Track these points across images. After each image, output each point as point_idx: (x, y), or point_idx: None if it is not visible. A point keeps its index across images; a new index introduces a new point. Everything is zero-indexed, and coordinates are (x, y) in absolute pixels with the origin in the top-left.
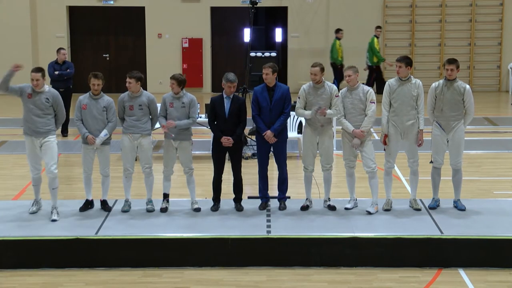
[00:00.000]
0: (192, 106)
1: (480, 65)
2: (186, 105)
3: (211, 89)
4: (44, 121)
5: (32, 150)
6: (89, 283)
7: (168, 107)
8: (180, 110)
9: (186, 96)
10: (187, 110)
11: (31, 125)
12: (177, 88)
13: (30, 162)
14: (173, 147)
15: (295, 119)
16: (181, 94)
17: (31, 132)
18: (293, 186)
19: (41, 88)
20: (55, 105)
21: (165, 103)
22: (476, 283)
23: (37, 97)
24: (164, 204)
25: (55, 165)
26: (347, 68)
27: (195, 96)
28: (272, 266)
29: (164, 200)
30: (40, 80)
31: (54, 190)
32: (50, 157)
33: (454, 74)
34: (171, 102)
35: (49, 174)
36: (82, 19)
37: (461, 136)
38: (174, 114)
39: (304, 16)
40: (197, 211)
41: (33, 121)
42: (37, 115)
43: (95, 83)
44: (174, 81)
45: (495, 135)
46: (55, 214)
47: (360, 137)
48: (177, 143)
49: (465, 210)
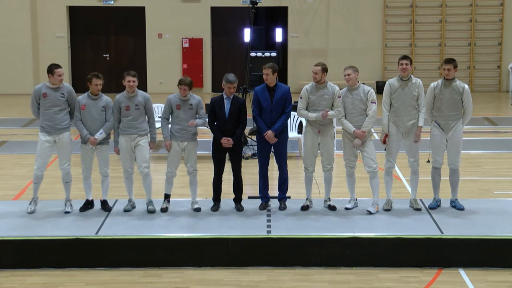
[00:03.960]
0: (200, 107)
1: (480, 65)
2: (194, 106)
3: (211, 89)
4: (61, 117)
5: (45, 146)
6: (89, 283)
7: (175, 109)
8: (188, 112)
9: (193, 97)
10: (194, 111)
11: (50, 123)
12: (188, 92)
13: (38, 158)
14: (179, 149)
15: (296, 119)
16: (189, 96)
17: (49, 129)
18: (294, 186)
19: (60, 84)
20: (70, 99)
21: (170, 105)
22: (476, 283)
23: (53, 94)
24: (165, 204)
25: (69, 162)
26: (346, 68)
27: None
28: (272, 266)
29: (165, 200)
30: (63, 74)
31: (68, 184)
32: (64, 153)
33: (451, 73)
34: (178, 104)
35: (63, 169)
36: (82, 19)
37: (460, 135)
38: (182, 116)
39: (304, 16)
40: (197, 211)
41: (51, 118)
42: (55, 112)
43: (98, 83)
44: (186, 87)
45: (495, 135)
46: (69, 207)
47: (361, 137)
48: (185, 144)
49: (464, 210)
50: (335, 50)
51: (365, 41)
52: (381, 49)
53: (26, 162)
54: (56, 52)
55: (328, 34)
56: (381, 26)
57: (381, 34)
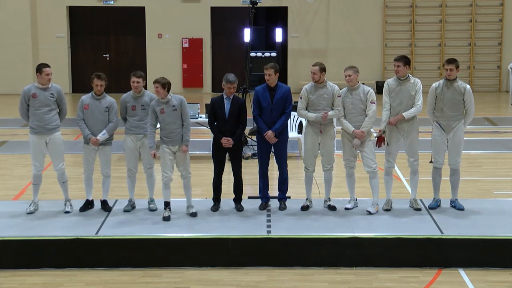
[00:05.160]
0: (183, 108)
1: (480, 65)
2: (177, 107)
3: (211, 89)
4: (51, 117)
5: (37, 147)
6: (89, 283)
7: (159, 113)
8: (172, 114)
9: (174, 98)
10: (179, 112)
11: (40, 123)
12: (163, 92)
13: (33, 159)
14: (171, 152)
15: (296, 119)
16: (169, 97)
17: (39, 129)
18: (294, 186)
19: (49, 84)
20: (59, 100)
21: (154, 111)
22: (476, 283)
23: (42, 94)
24: (167, 213)
25: (63, 162)
26: (347, 68)
27: (195, 96)
28: (272, 266)
29: (166, 208)
30: (51, 74)
31: (64, 183)
32: (57, 154)
33: (453, 74)
34: (161, 108)
35: (57, 170)
36: (82, 19)
37: (461, 136)
38: (168, 120)
39: (304, 16)
40: (193, 215)
41: (41, 118)
42: (44, 112)
43: (98, 84)
44: (158, 85)
45: (495, 135)
46: (69, 206)
47: (360, 137)
48: (176, 147)
49: (464, 210)
50: (335, 50)
51: (365, 41)
52: (381, 49)
53: (26, 162)
54: (56, 52)
55: (328, 34)
56: (381, 26)
57: (381, 34)
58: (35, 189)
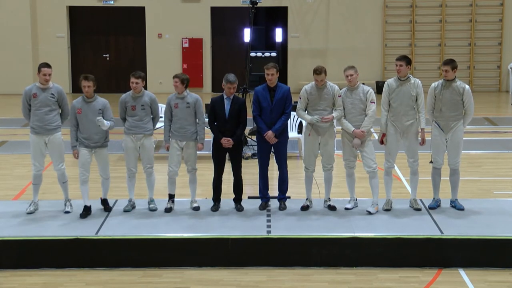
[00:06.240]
0: (198, 107)
1: (480, 65)
2: (191, 105)
3: (211, 89)
4: (51, 118)
5: (37, 147)
6: (89, 283)
7: (173, 108)
8: (185, 111)
9: (190, 96)
10: (192, 110)
11: (40, 123)
12: (181, 87)
13: (33, 159)
14: (179, 147)
15: (296, 119)
16: (185, 94)
17: (39, 129)
18: (293, 186)
19: (48, 84)
20: (60, 100)
21: (170, 105)
22: (476, 283)
23: (42, 94)
24: (169, 204)
25: (63, 162)
26: (348, 68)
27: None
28: (272, 266)
29: (170, 200)
30: (51, 75)
31: (65, 184)
32: (58, 154)
33: (449, 75)
34: (175, 103)
35: (57, 170)
36: (82, 19)
37: (460, 136)
38: (179, 115)
39: (304, 16)
40: (196, 209)
41: (41, 118)
42: (45, 112)
43: (86, 85)
44: (177, 79)
45: (495, 135)
46: (69, 206)
47: (360, 137)
48: (184, 143)
49: (464, 210)
50: (335, 50)
51: (365, 41)
52: (381, 49)
53: (26, 162)
54: (56, 52)
55: (328, 34)
56: (381, 26)
57: (381, 34)
58: (35, 189)
